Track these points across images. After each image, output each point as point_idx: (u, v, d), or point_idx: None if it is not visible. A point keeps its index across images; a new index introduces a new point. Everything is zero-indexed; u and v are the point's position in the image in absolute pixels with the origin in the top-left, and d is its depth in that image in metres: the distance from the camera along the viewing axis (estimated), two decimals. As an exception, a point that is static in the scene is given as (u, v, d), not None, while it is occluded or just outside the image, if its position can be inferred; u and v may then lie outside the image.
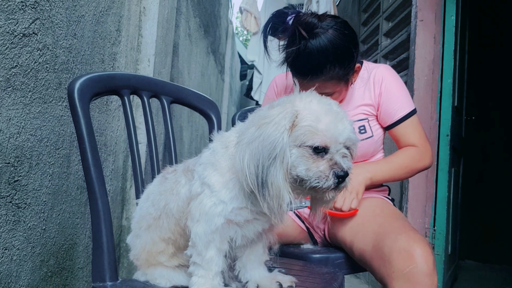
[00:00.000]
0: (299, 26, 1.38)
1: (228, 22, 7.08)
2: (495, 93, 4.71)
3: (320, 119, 0.89)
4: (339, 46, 1.39)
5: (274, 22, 1.48)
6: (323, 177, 0.88)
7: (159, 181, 1.09)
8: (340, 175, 0.88)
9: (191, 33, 3.63)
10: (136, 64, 2.22)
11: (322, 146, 0.88)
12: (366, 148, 1.59)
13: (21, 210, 1.25)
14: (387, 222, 1.35)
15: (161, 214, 1.01)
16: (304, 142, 0.87)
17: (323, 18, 1.40)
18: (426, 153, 1.59)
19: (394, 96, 1.57)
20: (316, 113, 0.89)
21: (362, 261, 1.36)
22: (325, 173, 0.88)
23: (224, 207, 0.91)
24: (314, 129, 0.88)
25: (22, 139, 1.23)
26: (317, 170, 0.88)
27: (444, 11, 2.87)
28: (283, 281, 1.02)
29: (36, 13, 1.24)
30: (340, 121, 0.91)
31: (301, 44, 1.38)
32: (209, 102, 1.51)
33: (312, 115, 0.89)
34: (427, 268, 1.16)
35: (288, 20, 1.43)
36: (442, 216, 2.82)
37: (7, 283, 1.19)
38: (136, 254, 1.08)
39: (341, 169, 0.88)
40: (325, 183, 0.88)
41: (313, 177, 0.88)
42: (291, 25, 1.41)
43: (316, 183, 0.88)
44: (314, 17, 1.39)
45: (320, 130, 0.88)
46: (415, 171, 1.61)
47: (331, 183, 0.88)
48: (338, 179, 0.88)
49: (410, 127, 1.58)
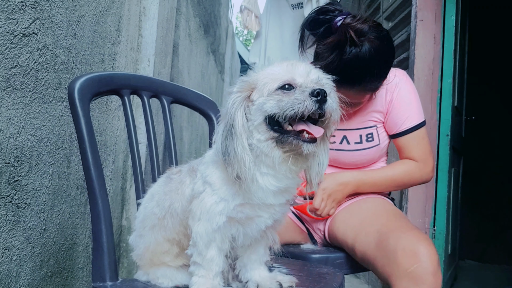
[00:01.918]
0: (351, 30, 1.30)
1: (228, 22, 7.08)
2: (495, 93, 4.70)
3: (278, 67, 0.91)
4: (383, 59, 1.35)
5: (318, 18, 1.38)
6: (298, 102, 0.84)
7: (164, 181, 1.08)
8: (316, 92, 0.84)
9: (191, 33, 3.63)
10: (136, 64, 2.22)
11: (287, 83, 0.88)
12: (372, 156, 1.58)
13: (21, 210, 1.25)
14: (389, 221, 1.35)
15: (166, 214, 1.01)
16: (270, 90, 0.88)
17: (371, 26, 1.33)
18: (425, 169, 1.55)
19: (404, 106, 1.53)
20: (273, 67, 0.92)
21: (364, 261, 1.36)
22: (298, 98, 0.85)
23: (225, 205, 0.91)
24: (274, 75, 0.89)
25: (22, 139, 1.23)
26: (289, 99, 0.85)
27: (444, 11, 2.87)
28: (283, 281, 1.02)
29: (36, 13, 1.24)
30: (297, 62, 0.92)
31: (350, 50, 1.30)
32: (209, 102, 1.51)
33: (270, 69, 0.92)
34: (431, 267, 1.16)
35: (337, 21, 1.34)
36: (442, 216, 2.82)
37: (7, 283, 1.19)
38: (140, 254, 1.08)
39: (315, 88, 0.84)
40: (301, 106, 0.84)
41: (286, 106, 0.85)
42: (340, 27, 1.32)
43: (291, 111, 0.85)
44: (363, 23, 1.32)
45: (281, 73, 0.89)
46: (407, 186, 1.60)
47: (310, 104, 0.84)
48: (316, 97, 0.84)
49: (415, 139, 1.54)
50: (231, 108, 0.89)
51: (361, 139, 1.56)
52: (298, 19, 3.90)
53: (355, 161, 1.58)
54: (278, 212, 0.96)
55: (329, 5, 1.39)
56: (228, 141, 0.87)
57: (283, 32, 3.97)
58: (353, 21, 1.33)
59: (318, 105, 0.84)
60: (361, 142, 1.56)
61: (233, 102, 0.89)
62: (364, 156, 1.57)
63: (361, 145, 1.56)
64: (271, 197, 0.92)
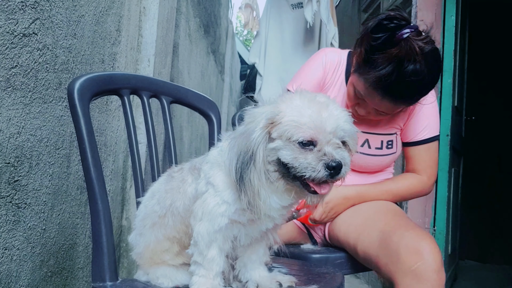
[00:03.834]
0: (416, 46, 1.26)
1: (228, 22, 7.08)
2: (495, 93, 4.70)
3: (303, 112, 0.87)
4: (435, 79, 1.34)
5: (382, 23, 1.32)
6: (310, 168, 0.84)
7: (165, 180, 1.08)
8: (331, 166, 0.83)
9: (191, 33, 3.63)
10: (136, 64, 2.22)
11: (308, 139, 0.85)
12: (386, 163, 1.59)
13: (21, 210, 1.25)
14: (392, 220, 1.35)
15: (167, 213, 1.01)
16: (289, 138, 0.86)
17: (427, 42, 1.29)
18: (427, 184, 1.57)
19: (424, 116, 1.54)
20: (298, 107, 0.88)
21: (367, 260, 1.36)
22: (312, 164, 0.84)
23: (227, 208, 0.91)
24: (297, 123, 0.86)
25: (22, 139, 1.23)
26: (304, 161, 0.84)
27: (444, 11, 2.87)
28: (283, 281, 1.02)
29: (36, 13, 1.24)
30: (325, 110, 0.87)
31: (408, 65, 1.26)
32: (209, 102, 1.51)
33: (294, 110, 0.87)
34: (435, 265, 1.16)
35: (404, 33, 1.28)
36: (442, 216, 2.83)
37: (7, 283, 1.19)
38: (140, 253, 1.07)
39: (332, 159, 0.83)
40: (313, 173, 0.84)
41: (299, 167, 0.84)
42: (405, 40, 1.27)
43: (303, 173, 0.84)
44: (427, 43, 1.28)
45: (304, 123, 0.85)
46: (407, 199, 1.62)
47: (322, 174, 0.83)
48: (330, 170, 0.83)
49: (426, 151, 1.55)
50: (254, 143, 0.86)
51: (382, 145, 1.56)
52: (298, 19, 3.89)
53: (371, 166, 1.58)
54: (279, 219, 0.97)
55: (397, 12, 1.33)
56: (244, 170, 0.86)
57: (283, 32, 3.96)
58: (419, 37, 1.29)
59: (330, 176, 0.84)
60: (381, 148, 1.56)
61: (257, 137, 0.87)
62: (381, 162, 1.58)
63: (381, 151, 1.56)
64: (273, 212, 0.93)
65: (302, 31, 3.88)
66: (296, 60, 3.85)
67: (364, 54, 1.35)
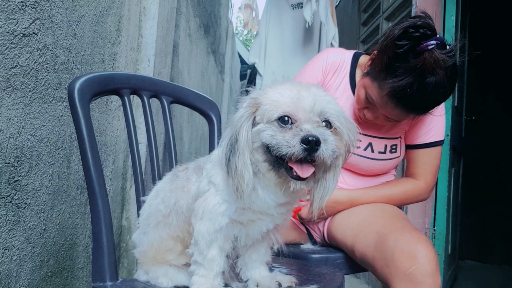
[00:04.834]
0: (440, 59, 1.23)
1: (228, 22, 7.08)
2: (495, 93, 4.70)
3: (283, 93, 0.88)
4: (450, 93, 1.33)
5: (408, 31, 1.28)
6: (287, 145, 0.82)
7: (170, 179, 1.08)
8: (306, 140, 0.80)
9: (191, 33, 3.63)
10: (136, 64, 2.22)
11: (286, 115, 0.85)
12: (389, 167, 1.58)
13: (21, 210, 1.25)
14: (389, 222, 1.35)
15: (171, 212, 1.01)
16: (270, 118, 0.86)
17: (451, 56, 1.27)
18: (425, 190, 1.55)
19: (430, 120, 1.52)
20: (279, 90, 0.89)
21: (364, 262, 1.36)
22: (288, 139, 0.82)
23: (228, 207, 0.91)
24: (276, 102, 0.87)
25: (22, 139, 1.23)
26: (281, 139, 0.83)
27: (444, 11, 2.87)
28: (283, 281, 1.02)
29: (36, 13, 1.24)
30: (305, 90, 0.88)
31: (428, 77, 1.24)
32: (209, 102, 1.51)
33: (276, 92, 0.89)
34: (430, 269, 1.15)
35: (430, 44, 1.24)
36: (442, 216, 2.83)
37: (7, 283, 1.19)
38: (143, 251, 1.07)
39: (307, 133, 0.81)
40: (288, 149, 0.82)
41: (276, 144, 0.84)
42: (429, 52, 1.24)
43: (280, 150, 0.83)
44: (450, 57, 1.26)
45: (283, 103, 0.86)
46: (402, 205, 1.60)
47: (297, 149, 0.81)
48: (305, 144, 0.80)
49: (428, 156, 1.54)
50: (237, 122, 0.88)
51: (385, 149, 1.54)
52: (298, 19, 3.89)
53: (374, 169, 1.57)
54: (279, 218, 0.97)
55: (423, 21, 1.29)
56: (231, 153, 0.87)
57: (283, 32, 3.96)
58: (443, 50, 1.26)
59: (307, 153, 0.81)
60: (384, 152, 1.54)
61: (240, 116, 0.88)
62: (384, 166, 1.57)
63: (384, 155, 1.55)
64: (271, 209, 0.93)
65: (302, 31, 3.89)
66: (296, 60, 3.86)
67: (386, 60, 1.31)
